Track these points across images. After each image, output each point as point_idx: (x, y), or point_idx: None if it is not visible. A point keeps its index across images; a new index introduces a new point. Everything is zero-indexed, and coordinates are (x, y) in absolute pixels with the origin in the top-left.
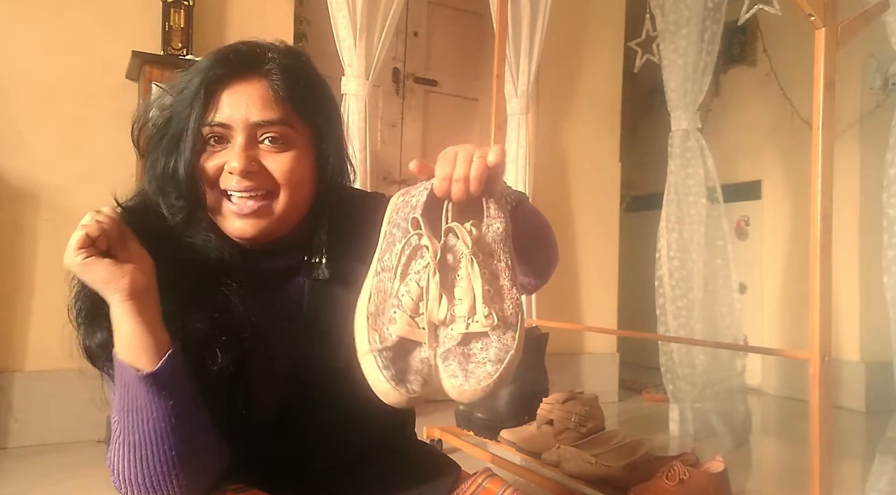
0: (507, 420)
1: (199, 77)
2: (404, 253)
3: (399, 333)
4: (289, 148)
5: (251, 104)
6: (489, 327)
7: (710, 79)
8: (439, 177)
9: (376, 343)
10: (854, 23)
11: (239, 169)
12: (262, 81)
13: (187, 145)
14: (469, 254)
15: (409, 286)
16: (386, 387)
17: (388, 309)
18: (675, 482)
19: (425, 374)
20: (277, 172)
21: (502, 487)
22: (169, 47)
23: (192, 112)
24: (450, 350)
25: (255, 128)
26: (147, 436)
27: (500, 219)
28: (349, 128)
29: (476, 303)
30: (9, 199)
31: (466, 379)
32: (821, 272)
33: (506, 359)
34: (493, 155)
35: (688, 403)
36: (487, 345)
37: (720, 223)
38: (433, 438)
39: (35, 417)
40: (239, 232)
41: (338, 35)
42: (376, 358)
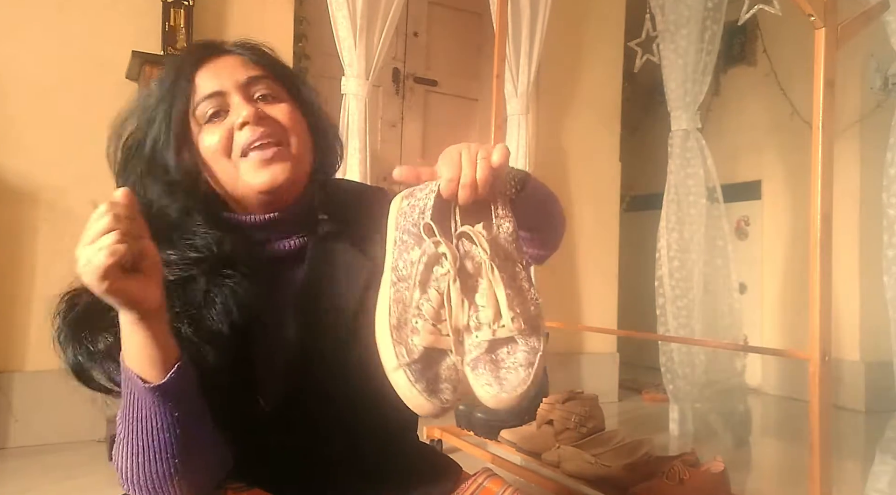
0: (507, 420)
1: (175, 68)
2: (422, 261)
3: (424, 343)
4: (282, 100)
5: (233, 69)
6: (517, 332)
7: (710, 79)
8: (446, 178)
9: (404, 357)
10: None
11: (250, 115)
12: (232, 56)
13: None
14: (488, 261)
15: (429, 294)
16: (420, 400)
17: (409, 319)
18: (675, 482)
19: (454, 381)
20: (283, 119)
21: (502, 487)
22: (169, 47)
23: (174, 100)
24: (478, 358)
25: (247, 86)
26: (150, 444)
27: (508, 219)
28: (349, 128)
29: (501, 309)
30: (9, 199)
31: (501, 386)
32: (821, 272)
33: (536, 362)
34: (497, 156)
35: (688, 403)
36: (514, 350)
37: (720, 223)
38: (433, 438)
39: (35, 417)
40: (268, 181)
41: (338, 35)
42: (406, 372)
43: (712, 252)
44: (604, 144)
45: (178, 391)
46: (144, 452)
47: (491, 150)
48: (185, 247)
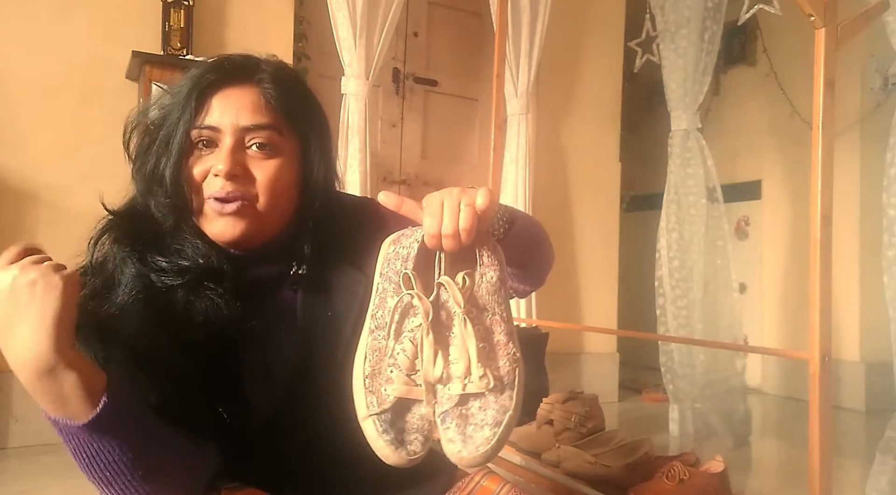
0: None
1: (191, 82)
2: (397, 311)
3: (396, 394)
4: (275, 155)
5: (241, 109)
6: (485, 389)
7: (710, 79)
8: (428, 233)
9: (374, 406)
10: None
11: (224, 171)
12: (253, 88)
13: (175, 147)
14: (462, 314)
15: (403, 344)
16: (386, 451)
17: (384, 368)
18: (675, 482)
19: (425, 432)
20: (261, 178)
21: (500, 485)
22: (169, 47)
23: (183, 115)
24: (447, 411)
25: (244, 133)
26: (117, 473)
27: (493, 267)
28: (349, 128)
29: (471, 364)
30: (9, 199)
31: (465, 444)
32: (821, 272)
33: (504, 421)
34: (480, 199)
35: (688, 403)
36: (486, 405)
37: (720, 223)
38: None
39: (35, 417)
40: (220, 232)
41: (338, 35)
42: (375, 422)
43: (712, 252)
44: (604, 144)
45: (118, 414)
46: (116, 482)
47: (474, 196)
48: (174, 255)
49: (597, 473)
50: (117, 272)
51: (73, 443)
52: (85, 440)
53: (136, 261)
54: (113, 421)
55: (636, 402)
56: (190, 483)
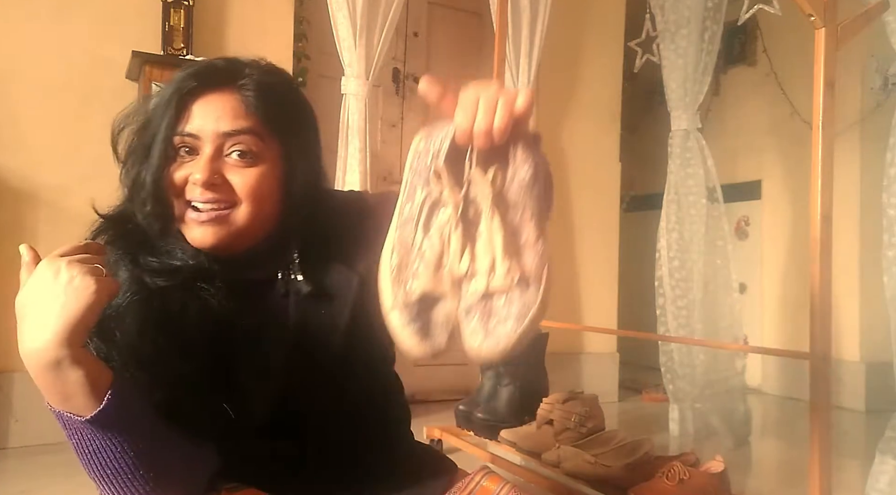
0: (507, 420)
1: (172, 88)
2: (425, 205)
3: (422, 288)
4: (256, 162)
5: (221, 115)
6: (509, 284)
7: (710, 79)
8: (460, 128)
9: (401, 298)
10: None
11: (202, 180)
12: (234, 94)
13: (156, 155)
14: (489, 207)
15: (431, 239)
16: (412, 341)
17: (411, 262)
18: (675, 482)
19: (450, 328)
20: (241, 187)
21: (500, 485)
22: (169, 47)
23: (164, 122)
24: (471, 305)
25: (224, 139)
26: (119, 470)
27: (527, 164)
28: (349, 128)
29: (496, 259)
30: (9, 199)
31: (486, 337)
32: (821, 272)
33: (527, 317)
34: (521, 101)
35: (688, 403)
36: (510, 301)
37: (720, 223)
38: (433, 438)
39: (35, 417)
40: (199, 239)
41: (338, 35)
42: (401, 313)
43: (712, 252)
44: (604, 144)
45: (122, 409)
46: (117, 479)
47: (513, 96)
48: (165, 256)
49: (597, 473)
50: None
51: (76, 439)
52: (88, 436)
53: (128, 262)
54: (116, 418)
55: (636, 402)
56: (190, 483)
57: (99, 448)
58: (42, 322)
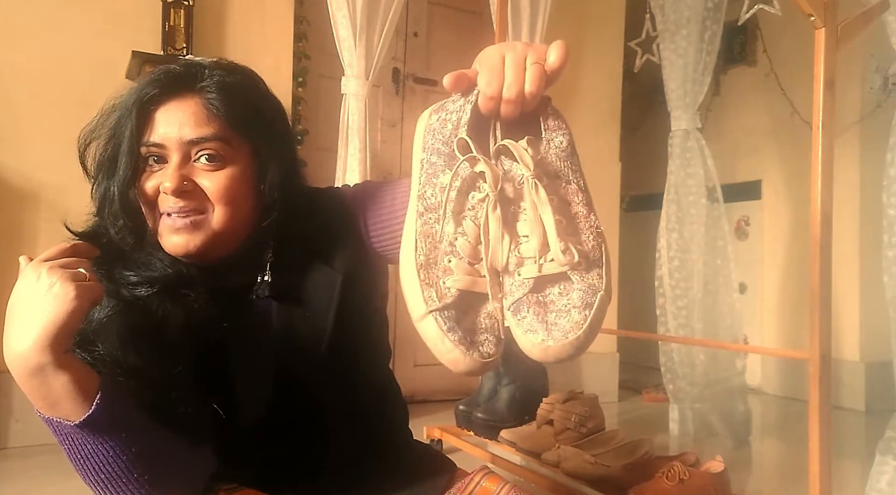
0: (507, 420)
1: (133, 97)
2: (454, 186)
3: (458, 286)
4: (225, 165)
5: (185, 122)
6: (568, 266)
7: (710, 79)
8: (486, 95)
9: (434, 301)
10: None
11: (171, 188)
12: (195, 99)
13: (122, 168)
14: (532, 178)
15: (463, 226)
16: (455, 354)
17: (440, 257)
18: (675, 482)
19: (497, 332)
20: (212, 191)
21: (499, 485)
22: (169, 47)
23: (127, 133)
24: (521, 300)
25: (190, 147)
26: (113, 475)
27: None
28: (349, 128)
29: (549, 239)
30: (9, 199)
31: (549, 333)
32: (821, 272)
33: (595, 303)
34: (554, 56)
35: (688, 403)
36: (568, 289)
37: (720, 223)
38: (433, 438)
39: (35, 417)
40: (175, 247)
41: (338, 35)
42: (437, 319)
43: (712, 252)
44: (604, 144)
45: (112, 412)
46: (113, 482)
47: (543, 52)
48: (142, 267)
49: (597, 473)
50: None
51: (68, 444)
52: (79, 440)
53: (104, 278)
54: (106, 421)
55: (636, 402)
56: (186, 484)
57: (91, 452)
58: (25, 328)
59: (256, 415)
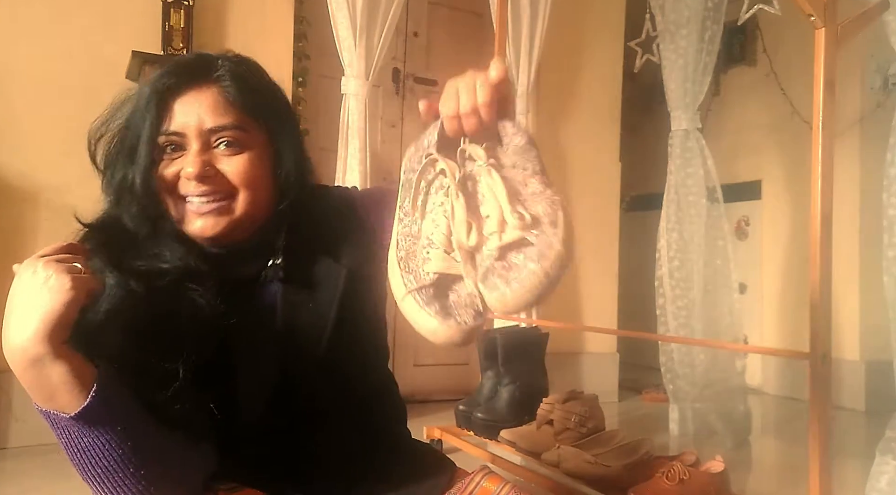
0: (507, 420)
1: (150, 88)
2: (421, 189)
3: (435, 269)
4: (243, 150)
5: (203, 111)
6: (523, 229)
7: (710, 79)
8: (446, 115)
9: (412, 283)
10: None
11: (194, 173)
12: (212, 88)
13: (142, 156)
14: (486, 165)
15: (436, 221)
16: (432, 324)
17: (419, 251)
18: (675, 482)
19: (475, 306)
20: (232, 174)
21: (500, 485)
22: (169, 47)
23: (146, 123)
24: (489, 268)
25: (209, 134)
26: (109, 469)
27: (519, 134)
28: (349, 128)
29: (504, 211)
30: (9, 199)
31: (508, 285)
32: (821, 272)
33: (551, 255)
34: (493, 71)
35: (688, 403)
36: (528, 250)
37: (720, 223)
38: (433, 438)
39: (35, 417)
40: (199, 231)
41: (338, 35)
42: (415, 297)
43: (712, 252)
44: (604, 144)
45: (108, 404)
46: (109, 477)
47: (486, 73)
48: (153, 259)
49: (597, 473)
50: None
51: (65, 438)
52: (75, 433)
53: (113, 269)
54: (103, 413)
55: (636, 402)
56: (184, 481)
57: (87, 446)
58: (23, 320)
59: (257, 409)
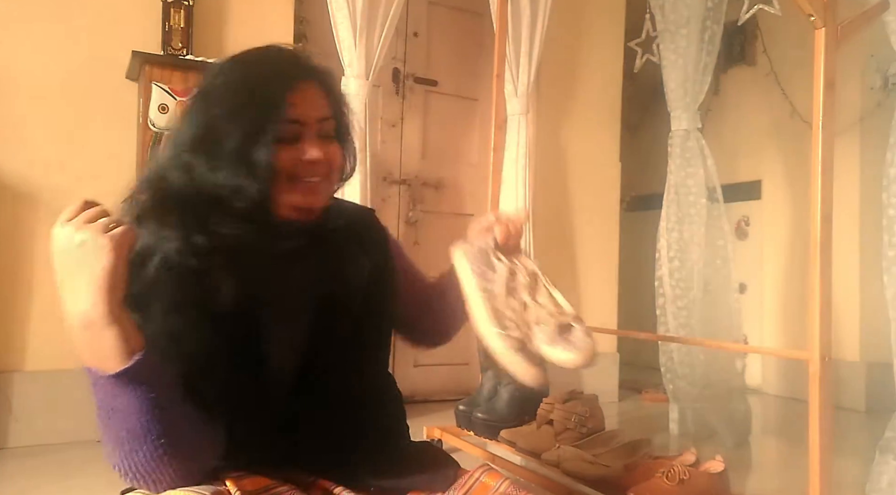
0: (507, 420)
1: (271, 75)
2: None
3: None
4: (335, 140)
5: (313, 103)
6: (572, 315)
7: (710, 79)
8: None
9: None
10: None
11: (318, 159)
12: (314, 82)
13: (268, 138)
14: (541, 272)
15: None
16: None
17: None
18: (675, 482)
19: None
20: (331, 159)
21: (499, 481)
22: (169, 47)
23: (270, 108)
24: (550, 338)
25: (319, 124)
26: (132, 431)
27: (529, 259)
28: None
29: (560, 302)
30: (9, 199)
31: (577, 349)
32: (821, 272)
33: (591, 335)
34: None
35: (688, 403)
36: (574, 331)
37: (720, 223)
38: (433, 438)
39: (35, 417)
40: (306, 201)
41: (338, 35)
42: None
43: (712, 252)
44: (604, 144)
45: (147, 371)
46: (129, 441)
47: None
48: (210, 233)
49: (597, 473)
50: (151, 245)
51: (100, 395)
52: (110, 391)
53: (170, 235)
54: (141, 378)
55: (636, 402)
56: (196, 457)
57: (119, 406)
58: (75, 289)
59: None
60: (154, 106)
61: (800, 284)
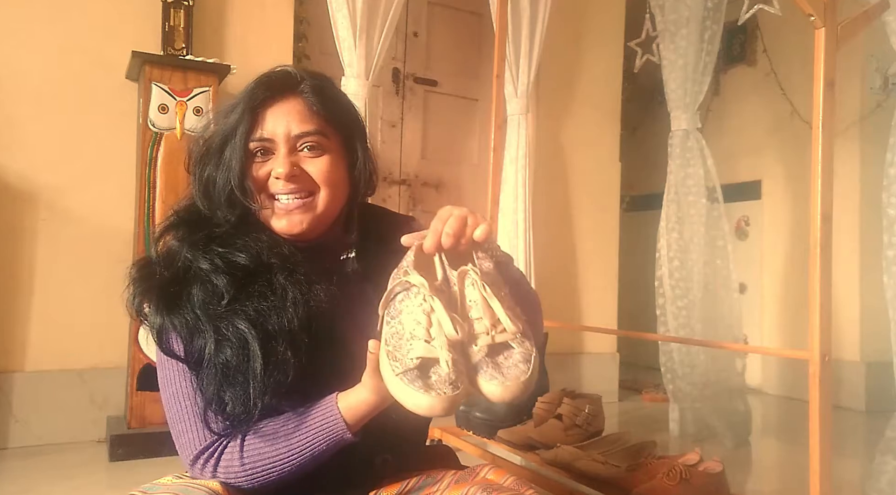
0: (506, 419)
1: (244, 102)
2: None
3: (417, 354)
4: (324, 153)
5: (290, 120)
6: (515, 332)
7: (710, 79)
8: (435, 230)
9: (398, 368)
10: (854, 23)
11: (284, 173)
12: (297, 99)
13: (236, 160)
14: (479, 280)
15: (417, 319)
16: (417, 398)
17: (404, 344)
18: (677, 482)
19: (453, 381)
20: (316, 174)
21: (504, 477)
22: (169, 47)
23: (239, 131)
24: (480, 361)
25: (295, 140)
26: (301, 466)
27: (488, 260)
28: None
29: (500, 316)
30: (9, 199)
31: (505, 378)
32: (821, 272)
33: (531, 360)
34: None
35: (688, 403)
36: (511, 354)
37: (720, 223)
38: (433, 438)
39: (35, 417)
40: (287, 227)
41: (338, 35)
42: (402, 379)
43: (712, 252)
44: (604, 144)
45: None
46: (289, 464)
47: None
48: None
49: (599, 473)
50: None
51: (326, 447)
52: (335, 449)
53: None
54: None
55: (636, 402)
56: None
57: (321, 455)
58: None
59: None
60: (154, 106)
61: (800, 284)
